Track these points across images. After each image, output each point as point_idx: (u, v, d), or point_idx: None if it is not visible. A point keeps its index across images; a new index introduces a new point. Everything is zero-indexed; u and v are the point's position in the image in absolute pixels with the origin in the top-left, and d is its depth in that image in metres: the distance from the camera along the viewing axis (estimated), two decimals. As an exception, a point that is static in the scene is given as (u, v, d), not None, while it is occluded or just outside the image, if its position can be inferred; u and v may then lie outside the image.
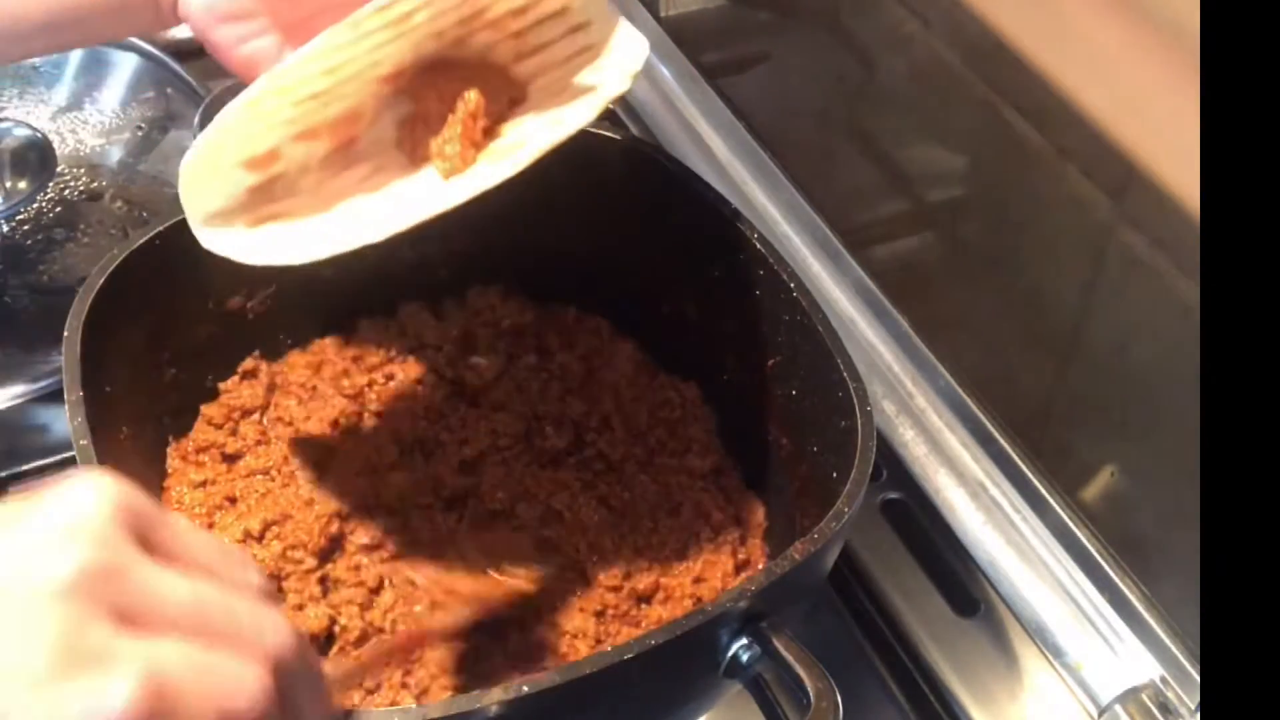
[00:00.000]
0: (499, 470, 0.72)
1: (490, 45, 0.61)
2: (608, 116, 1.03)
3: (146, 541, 0.40)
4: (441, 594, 0.65)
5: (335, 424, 0.72)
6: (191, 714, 0.38)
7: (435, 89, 0.60)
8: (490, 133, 0.60)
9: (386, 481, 0.70)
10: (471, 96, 0.59)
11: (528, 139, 0.59)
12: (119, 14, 0.64)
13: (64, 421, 0.61)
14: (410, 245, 0.74)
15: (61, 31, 0.65)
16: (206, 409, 0.73)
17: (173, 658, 0.38)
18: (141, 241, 0.67)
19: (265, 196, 0.59)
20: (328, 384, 0.74)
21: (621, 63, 0.62)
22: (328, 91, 0.58)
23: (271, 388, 0.74)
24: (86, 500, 0.39)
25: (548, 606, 0.67)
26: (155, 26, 0.66)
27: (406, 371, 0.76)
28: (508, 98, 0.61)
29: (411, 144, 0.61)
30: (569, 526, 0.69)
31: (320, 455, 0.71)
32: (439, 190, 0.59)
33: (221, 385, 0.74)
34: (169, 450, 0.71)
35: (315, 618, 0.64)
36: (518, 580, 0.66)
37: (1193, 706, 0.70)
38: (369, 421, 0.73)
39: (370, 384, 0.75)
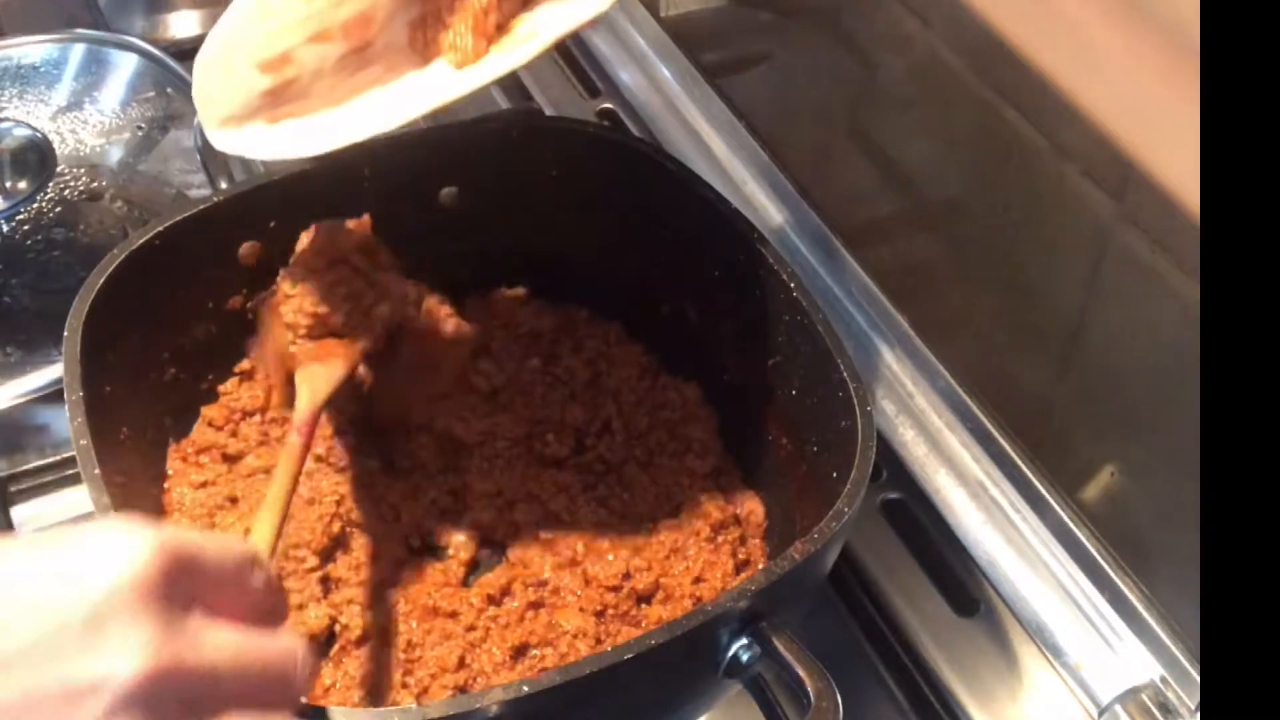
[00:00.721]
0: (498, 471, 0.72)
1: None
2: (608, 116, 1.03)
3: (190, 593, 0.41)
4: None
5: (334, 421, 0.72)
6: None
7: None
8: (502, 28, 0.60)
9: (380, 475, 0.70)
10: None
11: (540, 30, 0.59)
12: None
13: (64, 421, 0.61)
14: (425, 243, 0.75)
15: None
16: (207, 410, 0.73)
17: None
18: (141, 241, 0.67)
19: (279, 99, 0.59)
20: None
21: None
22: None
23: (271, 388, 0.74)
24: (127, 566, 0.39)
25: (547, 606, 0.67)
26: None
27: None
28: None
29: (423, 43, 0.61)
30: (568, 527, 0.69)
31: (322, 455, 0.71)
32: (451, 79, 0.59)
33: (221, 387, 0.74)
34: (169, 451, 0.71)
35: (316, 617, 0.64)
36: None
37: (1193, 706, 0.70)
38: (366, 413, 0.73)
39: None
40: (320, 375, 0.64)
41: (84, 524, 0.42)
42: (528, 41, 0.58)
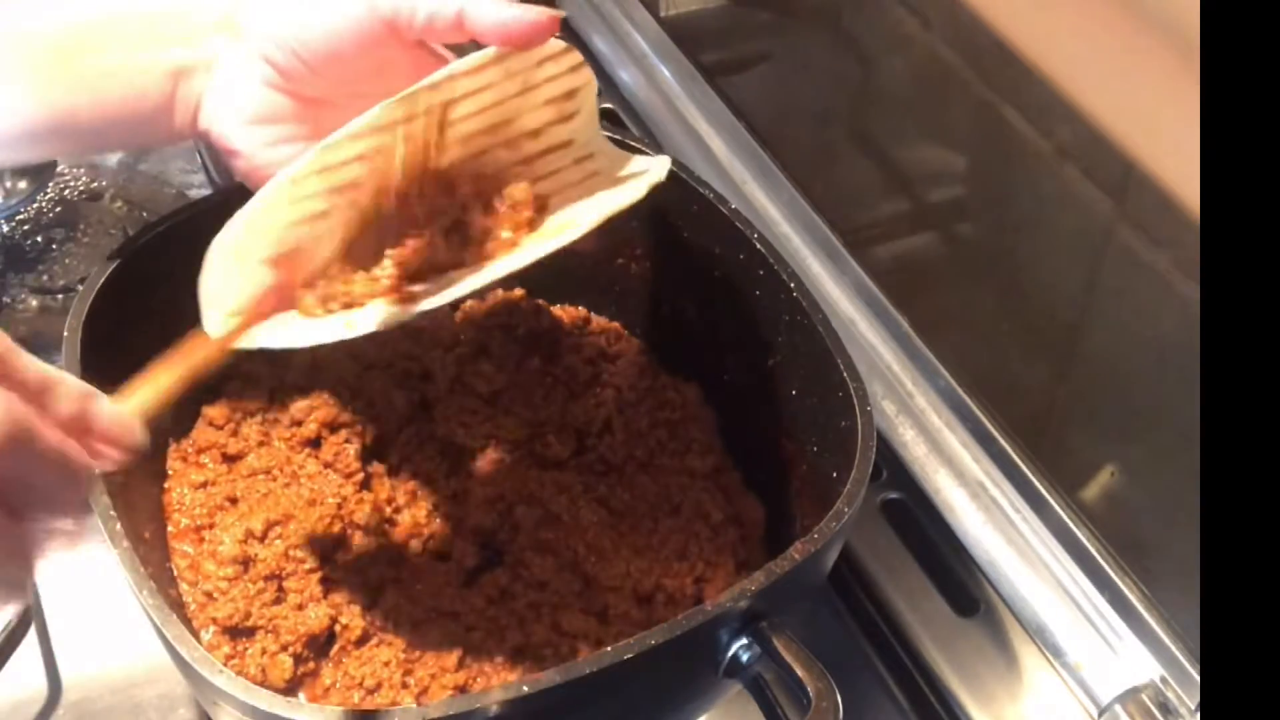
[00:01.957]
0: (499, 473, 0.72)
1: (506, 166, 0.61)
2: (608, 116, 1.03)
3: None
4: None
5: (330, 416, 0.72)
6: None
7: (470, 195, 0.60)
8: (533, 224, 0.60)
9: (380, 476, 0.70)
10: (522, 187, 0.59)
11: (576, 219, 0.59)
12: (132, 118, 0.60)
13: (64, 421, 0.60)
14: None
15: (66, 137, 0.61)
16: (208, 410, 0.73)
17: None
18: (141, 241, 0.67)
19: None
20: (330, 385, 0.74)
21: (646, 172, 0.62)
22: (363, 180, 0.57)
23: (272, 389, 0.74)
24: None
25: (547, 606, 0.67)
26: (169, 135, 0.62)
27: (413, 372, 0.76)
28: (536, 205, 0.61)
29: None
30: (568, 528, 0.69)
31: (318, 450, 0.71)
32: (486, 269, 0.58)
33: (223, 387, 0.74)
34: (169, 452, 0.71)
35: (316, 617, 0.64)
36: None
37: (1193, 706, 0.70)
38: (365, 413, 0.73)
39: (368, 379, 0.75)
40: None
41: None
42: (566, 229, 0.58)
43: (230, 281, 0.56)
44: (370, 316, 0.56)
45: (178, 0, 0.60)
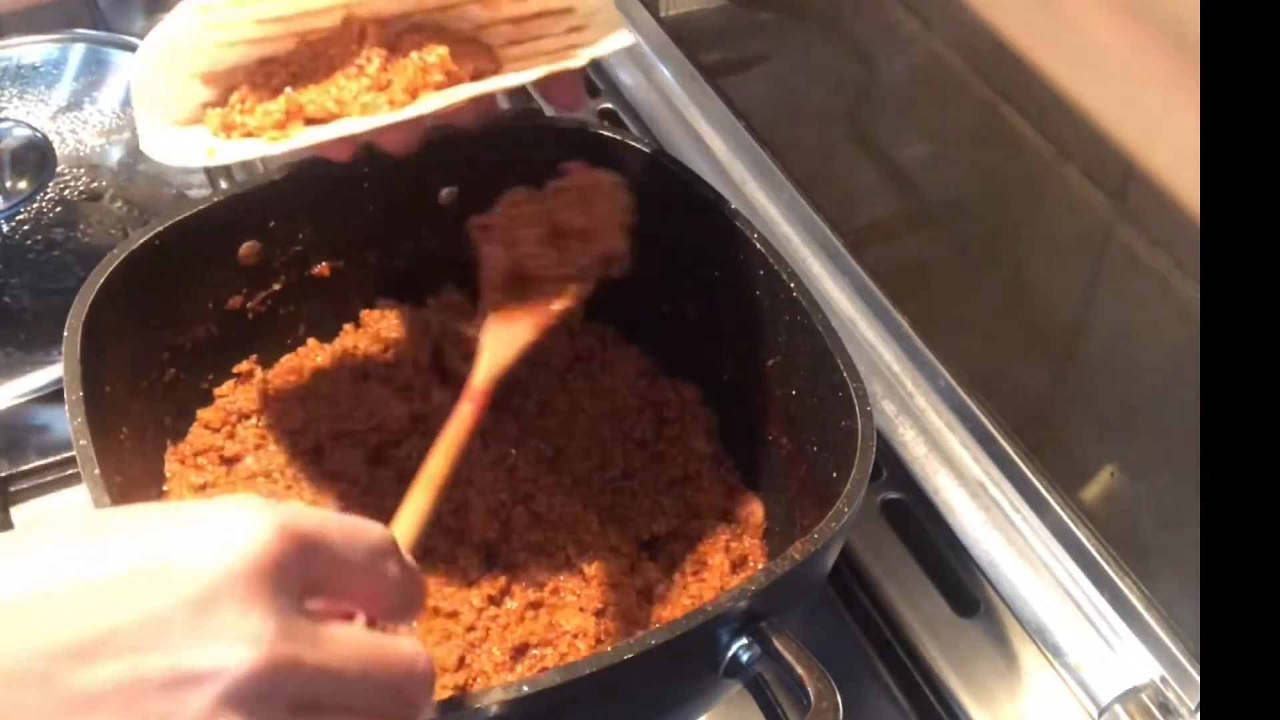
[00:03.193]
0: (498, 475, 0.72)
1: (484, 24, 0.61)
2: (608, 116, 1.03)
3: (312, 582, 0.38)
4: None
5: (334, 426, 0.72)
6: None
7: (414, 44, 0.60)
8: (440, 87, 0.60)
9: (379, 480, 0.70)
10: (437, 51, 0.59)
11: (498, 82, 0.61)
12: None
13: (64, 421, 0.61)
14: (421, 245, 0.74)
15: None
16: (203, 413, 0.73)
17: None
18: (141, 241, 0.67)
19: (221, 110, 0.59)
20: (325, 385, 0.74)
21: (592, 50, 0.62)
22: (293, 18, 0.58)
23: (266, 390, 0.74)
24: (245, 546, 0.35)
25: (547, 606, 0.67)
26: None
27: (405, 371, 0.76)
28: (475, 68, 0.61)
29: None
30: (568, 528, 0.69)
31: (321, 456, 0.71)
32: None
33: (216, 390, 0.74)
34: (167, 454, 0.71)
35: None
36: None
37: (1193, 706, 0.70)
38: (363, 422, 0.73)
39: (372, 384, 0.75)
40: (505, 338, 0.63)
41: (201, 500, 0.41)
42: (456, 91, 0.59)
43: (164, 92, 0.58)
44: (239, 149, 0.58)
45: None
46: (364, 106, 0.59)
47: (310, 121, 0.59)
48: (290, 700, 0.36)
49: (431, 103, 0.59)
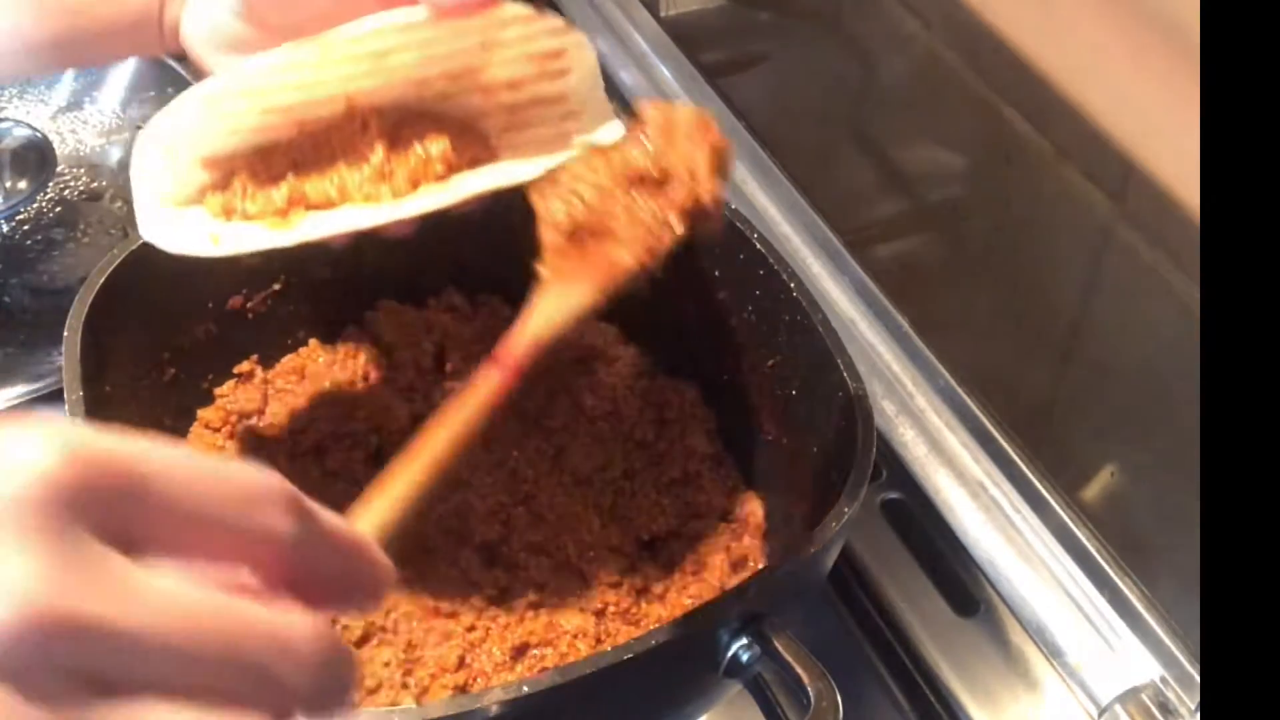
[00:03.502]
0: (498, 476, 0.72)
1: (481, 111, 0.61)
2: (608, 116, 1.03)
3: (116, 519, 0.28)
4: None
5: (333, 426, 0.72)
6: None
7: (414, 134, 0.60)
8: (441, 178, 0.60)
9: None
10: (442, 144, 0.59)
11: (492, 179, 0.60)
12: (120, 36, 0.64)
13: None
14: (419, 246, 0.74)
15: (60, 50, 0.64)
16: (203, 413, 0.73)
17: None
18: (142, 241, 0.67)
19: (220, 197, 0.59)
20: (325, 386, 0.74)
21: (586, 139, 0.62)
22: (295, 107, 0.58)
23: (266, 391, 0.74)
24: (24, 482, 0.27)
25: (547, 606, 0.67)
26: (156, 49, 0.65)
27: (406, 372, 0.76)
28: (472, 156, 0.61)
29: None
30: (568, 528, 0.69)
31: (321, 457, 0.71)
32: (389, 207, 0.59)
33: (217, 390, 0.74)
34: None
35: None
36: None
37: (1193, 706, 0.70)
38: (364, 423, 0.73)
39: (373, 386, 0.75)
40: (559, 298, 0.57)
41: None
42: (452, 188, 0.59)
43: (163, 176, 0.58)
44: (243, 237, 0.57)
45: None
46: (367, 196, 0.59)
47: (311, 208, 0.59)
48: (75, 670, 0.27)
49: (436, 199, 0.58)
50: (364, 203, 0.58)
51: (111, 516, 0.28)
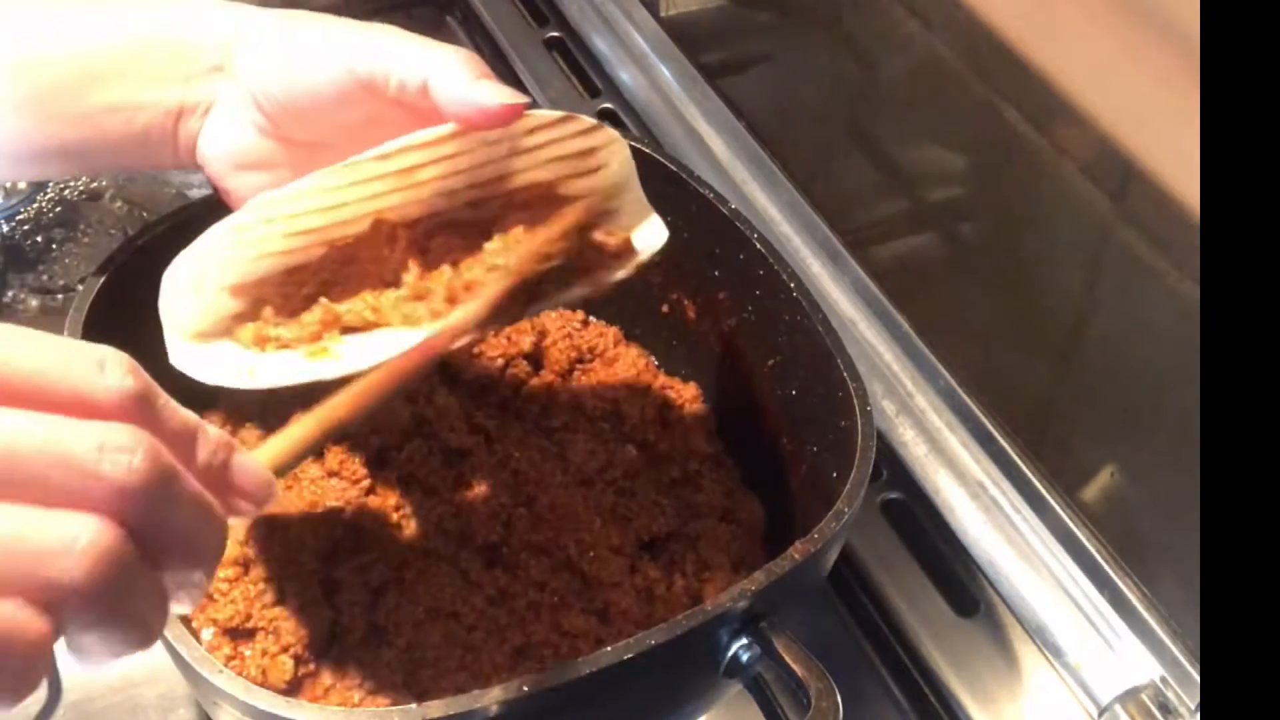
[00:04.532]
0: (498, 477, 0.72)
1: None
2: (608, 116, 1.03)
3: None
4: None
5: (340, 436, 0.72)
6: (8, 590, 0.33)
7: (445, 246, 0.59)
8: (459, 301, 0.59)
9: (381, 482, 0.70)
10: (479, 268, 0.58)
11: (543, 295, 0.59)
12: (136, 149, 0.62)
13: (64, 422, 0.60)
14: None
15: (75, 159, 0.63)
16: (205, 414, 0.73)
17: None
18: (142, 241, 0.67)
19: (248, 327, 0.58)
20: (329, 387, 0.74)
21: (643, 241, 0.62)
22: (323, 229, 0.57)
23: (268, 392, 0.74)
24: None
25: (548, 607, 0.67)
26: (169, 163, 0.63)
27: (417, 387, 0.76)
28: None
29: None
30: (568, 528, 0.69)
31: (322, 458, 0.71)
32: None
33: (219, 391, 0.73)
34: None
35: (317, 619, 0.64)
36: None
37: (1193, 706, 0.70)
38: (369, 425, 0.73)
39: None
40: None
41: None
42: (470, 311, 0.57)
43: (191, 305, 0.57)
44: (273, 369, 0.56)
45: (178, 41, 0.61)
46: (405, 317, 0.57)
47: (346, 330, 0.57)
48: None
49: (478, 321, 0.57)
50: (403, 325, 0.57)
51: None
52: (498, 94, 0.55)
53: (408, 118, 0.58)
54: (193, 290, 0.57)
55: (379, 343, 0.57)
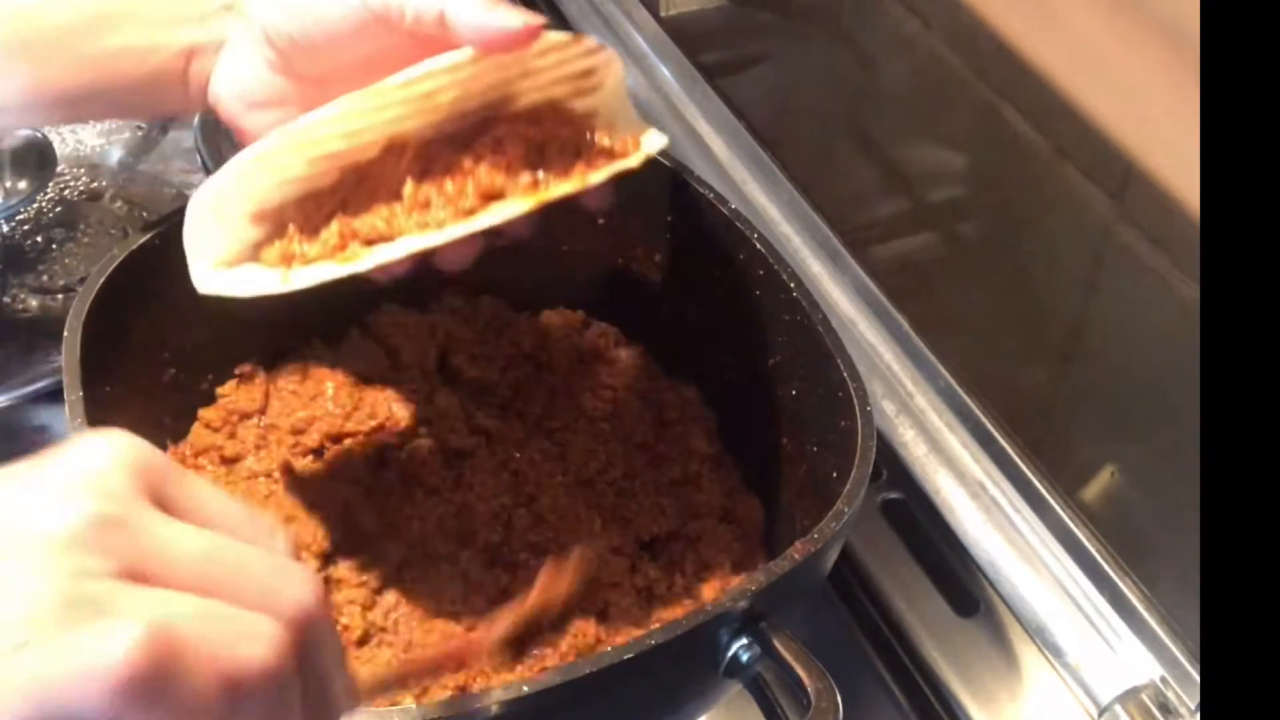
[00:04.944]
0: (498, 477, 0.72)
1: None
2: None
3: (162, 499, 0.38)
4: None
5: (337, 427, 0.72)
6: (199, 669, 0.35)
7: (447, 162, 0.60)
8: (472, 211, 0.60)
9: (382, 482, 0.70)
10: (467, 184, 0.59)
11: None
12: (147, 91, 0.62)
13: (64, 421, 0.60)
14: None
15: (84, 104, 0.63)
16: (204, 412, 0.73)
17: (181, 610, 0.35)
18: (141, 241, 0.67)
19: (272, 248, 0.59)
20: (327, 387, 0.74)
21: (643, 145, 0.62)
22: (343, 154, 0.59)
23: (268, 391, 0.74)
24: (98, 455, 0.37)
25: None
26: (183, 107, 0.64)
27: (409, 374, 0.76)
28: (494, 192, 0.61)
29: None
30: (568, 529, 0.69)
31: (323, 458, 0.71)
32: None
33: (219, 390, 0.74)
34: (167, 454, 0.71)
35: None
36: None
37: (1193, 706, 0.70)
38: (366, 424, 0.73)
39: (375, 387, 0.75)
40: None
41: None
42: (492, 213, 0.58)
43: (214, 235, 0.59)
44: (308, 275, 0.58)
45: None
46: (419, 225, 0.59)
47: (366, 243, 0.59)
48: (122, 557, 0.36)
49: (489, 216, 0.58)
50: (419, 231, 0.58)
51: (152, 490, 0.38)
52: (518, 16, 0.56)
53: (417, 48, 0.59)
54: (216, 219, 0.59)
55: (399, 247, 0.58)
